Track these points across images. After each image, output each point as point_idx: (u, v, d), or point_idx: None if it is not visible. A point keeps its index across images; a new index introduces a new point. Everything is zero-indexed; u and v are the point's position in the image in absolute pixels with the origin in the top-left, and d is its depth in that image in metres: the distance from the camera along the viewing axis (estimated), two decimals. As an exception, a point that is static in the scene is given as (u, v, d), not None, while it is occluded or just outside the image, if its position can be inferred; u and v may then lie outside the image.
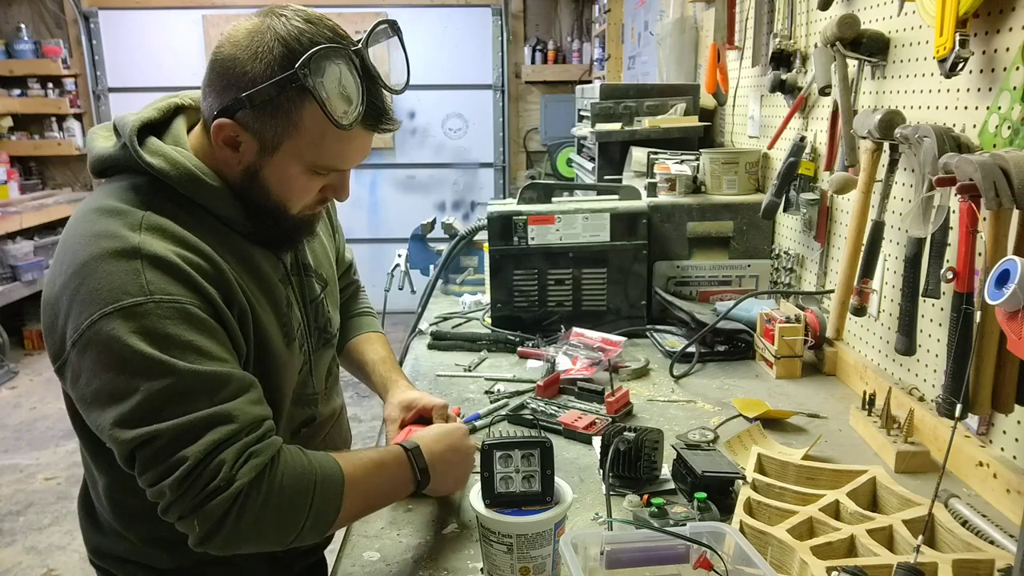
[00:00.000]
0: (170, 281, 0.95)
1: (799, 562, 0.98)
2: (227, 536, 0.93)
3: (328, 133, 1.00)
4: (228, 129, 1.01)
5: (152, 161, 1.02)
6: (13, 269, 4.97)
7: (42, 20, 5.94)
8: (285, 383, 1.13)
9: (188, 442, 0.91)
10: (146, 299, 0.93)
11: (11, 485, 3.63)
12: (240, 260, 1.07)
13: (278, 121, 0.99)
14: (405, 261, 2.50)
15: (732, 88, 2.44)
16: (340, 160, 1.05)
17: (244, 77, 0.97)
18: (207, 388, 0.94)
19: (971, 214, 1.09)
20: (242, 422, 0.95)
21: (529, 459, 1.00)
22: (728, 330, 1.86)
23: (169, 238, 0.99)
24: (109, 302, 0.92)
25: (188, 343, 0.94)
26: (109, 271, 0.94)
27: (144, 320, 0.92)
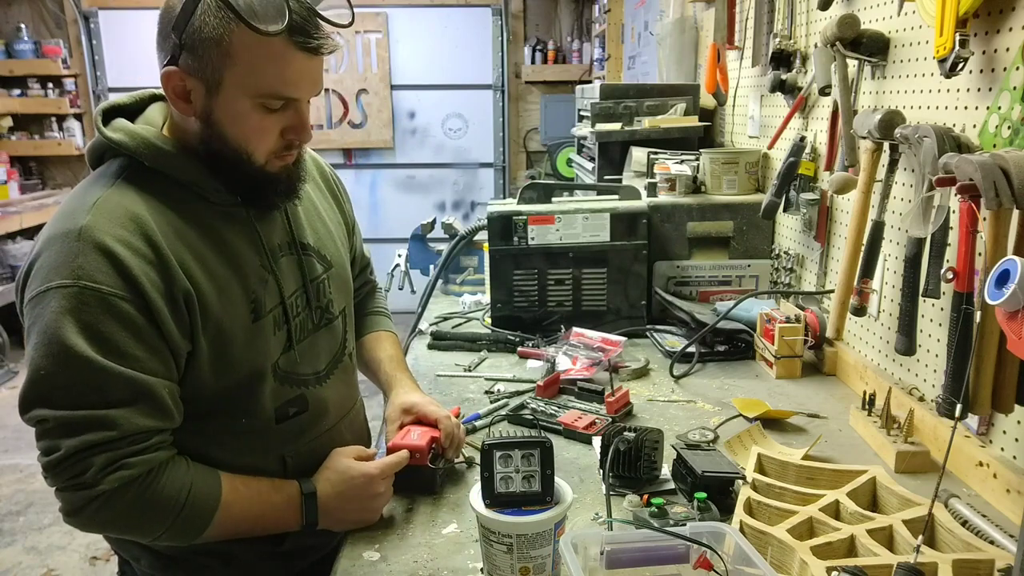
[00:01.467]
0: (101, 268, 0.98)
1: (799, 562, 0.98)
2: (84, 522, 1.01)
3: (260, 53, 0.99)
4: (175, 78, 1.02)
5: (112, 135, 1.06)
6: (13, 269, 4.96)
7: (42, 20, 5.94)
8: (253, 358, 1.12)
9: (67, 434, 0.97)
10: (73, 283, 0.97)
11: (11, 485, 3.63)
12: (207, 236, 1.08)
13: (211, 53, 0.99)
14: (405, 261, 2.50)
15: (732, 88, 2.44)
16: (282, 84, 1.03)
17: (175, 20, 0.99)
18: (102, 386, 0.98)
19: (971, 214, 1.09)
20: (123, 431, 0.98)
21: (529, 459, 1.00)
22: (728, 330, 1.86)
23: (117, 219, 1.01)
24: (46, 280, 0.98)
25: (101, 335, 0.98)
26: (56, 250, 0.99)
27: (68, 302, 0.97)
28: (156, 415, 1.02)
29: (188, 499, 1.03)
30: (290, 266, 1.19)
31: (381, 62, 5.79)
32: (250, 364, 1.12)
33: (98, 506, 0.98)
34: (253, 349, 1.12)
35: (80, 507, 0.99)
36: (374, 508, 1.17)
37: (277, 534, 1.17)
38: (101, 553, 3.01)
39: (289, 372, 1.18)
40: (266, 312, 1.14)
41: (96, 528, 1.04)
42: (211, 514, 1.06)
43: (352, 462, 1.18)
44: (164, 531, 1.04)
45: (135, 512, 1.01)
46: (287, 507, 1.13)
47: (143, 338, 1.00)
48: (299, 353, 1.19)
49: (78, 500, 0.98)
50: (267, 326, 1.14)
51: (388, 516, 1.20)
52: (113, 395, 0.98)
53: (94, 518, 1.00)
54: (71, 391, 0.97)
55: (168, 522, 1.03)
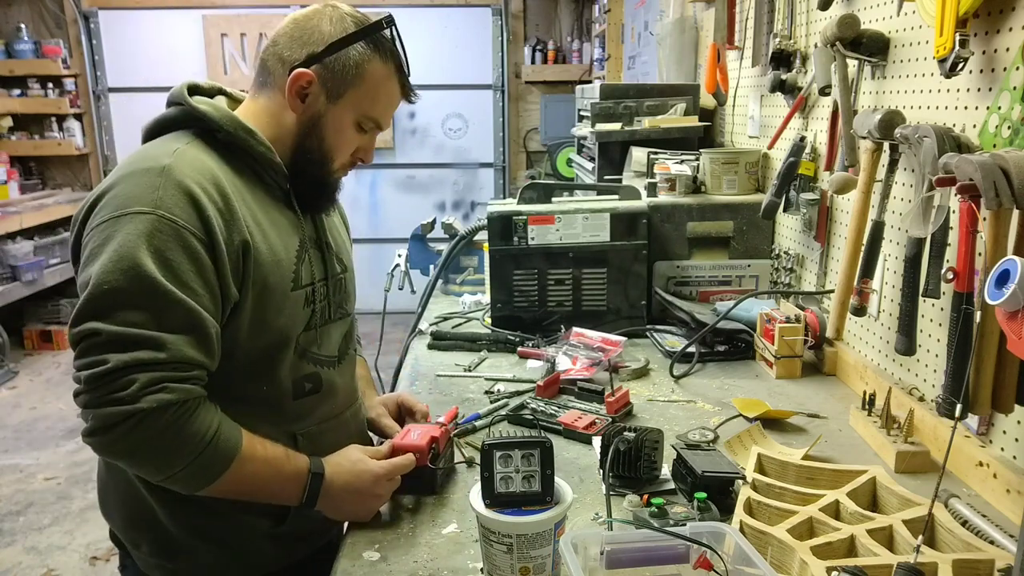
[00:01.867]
0: (179, 203, 1.06)
1: (799, 562, 0.98)
2: (112, 440, 1.01)
3: (382, 87, 1.20)
4: (303, 78, 1.15)
5: (200, 106, 1.16)
6: (13, 269, 4.96)
7: (42, 20, 5.94)
8: (284, 324, 1.18)
9: (116, 350, 1.00)
10: (152, 211, 1.04)
11: (11, 485, 3.63)
12: (263, 205, 1.18)
13: (347, 71, 1.17)
14: (405, 261, 2.50)
15: (732, 88, 2.44)
16: (383, 115, 1.23)
17: (320, 36, 1.16)
18: (160, 309, 1.02)
19: (971, 214, 1.09)
20: (171, 356, 1.02)
21: (529, 459, 1.00)
22: (728, 330, 1.86)
23: (196, 168, 1.10)
24: (124, 207, 1.05)
25: (168, 262, 1.03)
26: (135, 182, 1.07)
27: (142, 227, 1.03)
28: (203, 350, 1.06)
29: (213, 439, 1.05)
30: (317, 258, 1.27)
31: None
32: (281, 330, 1.18)
33: (132, 425, 0.99)
34: (286, 315, 1.18)
35: (113, 424, 0.99)
36: (371, 507, 1.19)
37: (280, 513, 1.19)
38: (101, 553, 3.01)
39: (307, 349, 1.24)
40: (301, 286, 1.21)
41: (120, 449, 1.03)
42: (229, 461, 1.07)
43: (364, 457, 1.20)
44: (183, 467, 1.04)
45: (164, 439, 1.02)
46: (294, 479, 1.15)
47: (205, 275, 1.06)
48: (319, 334, 1.25)
49: (112, 417, 0.99)
50: (300, 298, 1.21)
51: (388, 516, 1.20)
52: (170, 320, 1.03)
53: (124, 438, 1.00)
54: (132, 308, 1.01)
55: (190, 458, 1.04)
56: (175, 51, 5.83)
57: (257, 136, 1.18)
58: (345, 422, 1.33)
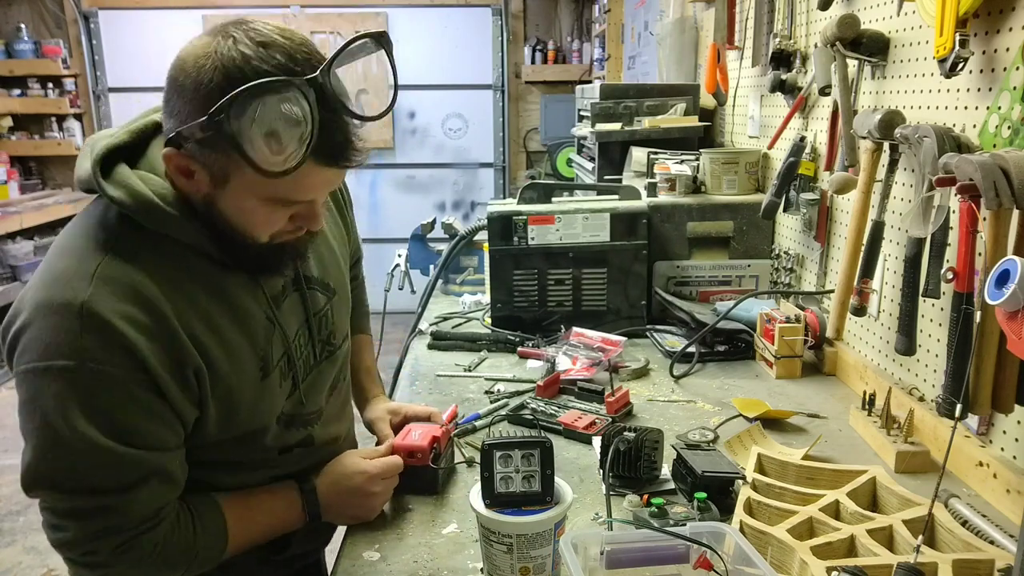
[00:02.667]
0: (107, 348, 0.91)
1: (799, 562, 0.98)
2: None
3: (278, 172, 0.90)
4: (176, 159, 0.94)
5: (113, 194, 0.96)
6: (13, 269, 4.97)
7: (42, 20, 5.94)
8: (260, 416, 1.10)
9: (75, 518, 0.95)
10: (78, 364, 0.90)
11: (11, 485, 3.63)
12: (212, 294, 1.01)
13: (219, 155, 0.92)
14: (405, 261, 2.50)
15: (732, 88, 2.44)
16: (296, 194, 0.96)
17: (185, 108, 0.91)
18: (114, 470, 0.94)
19: (971, 214, 1.09)
20: (133, 517, 0.97)
21: (529, 459, 1.00)
22: (728, 330, 1.86)
23: (120, 292, 0.93)
24: (44, 357, 0.91)
25: (110, 417, 0.93)
26: (52, 324, 0.91)
27: (72, 385, 0.91)
28: (166, 490, 1.00)
29: (198, 550, 1.04)
30: (292, 306, 1.13)
31: (381, 62, 5.78)
32: (256, 420, 1.10)
33: None
34: (260, 406, 1.09)
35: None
36: (370, 506, 1.18)
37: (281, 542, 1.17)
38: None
39: (294, 415, 1.16)
40: (274, 366, 1.09)
41: None
42: (222, 549, 1.07)
43: (353, 459, 1.19)
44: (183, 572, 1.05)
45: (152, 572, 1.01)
46: (289, 509, 1.14)
47: (153, 415, 0.96)
48: (304, 393, 1.16)
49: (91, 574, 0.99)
50: (274, 380, 1.10)
51: (389, 516, 1.20)
52: (124, 478, 0.95)
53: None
54: (79, 475, 0.93)
55: (185, 566, 1.04)
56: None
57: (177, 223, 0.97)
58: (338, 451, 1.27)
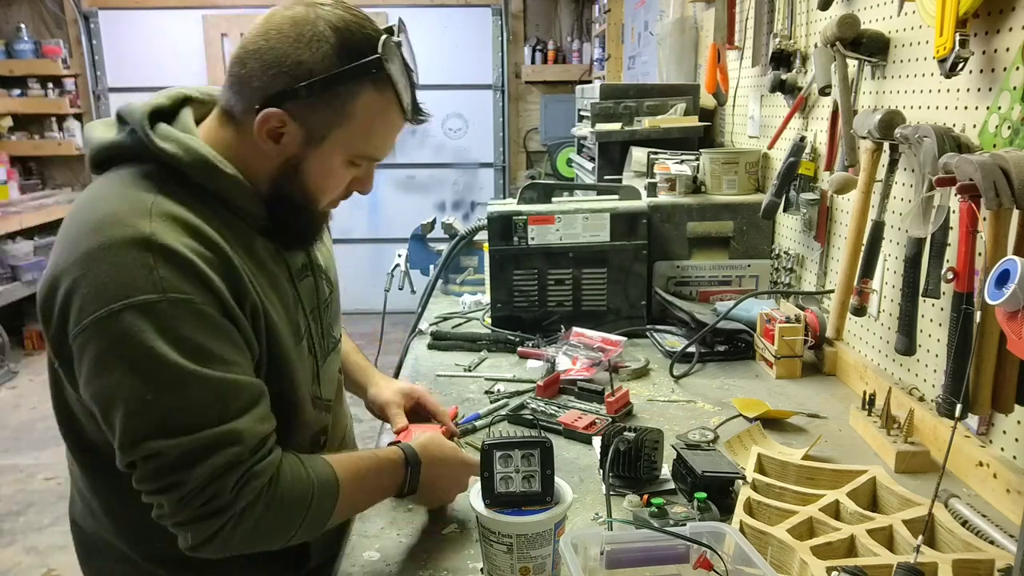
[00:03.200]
0: (184, 278, 0.90)
1: (799, 562, 0.98)
2: (218, 546, 0.93)
3: (377, 121, 1.00)
4: (274, 119, 0.96)
5: (165, 146, 0.97)
6: (13, 269, 4.97)
7: (42, 20, 5.94)
8: (300, 383, 1.09)
9: (192, 463, 0.89)
10: (160, 297, 0.88)
11: (11, 485, 3.63)
12: (249, 254, 1.02)
13: (332, 110, 0.97)
14: (405, 261, 2.50)
15: (732, 88, 2.44)
16: (382, 150, 1.05)
17: (300, 66, 0.94)
18: (218, 399, 0.91)
19: (971, 214, 1.09)
20: (247, 443, 0.93)
21: (529, 459, 1.00)
22: (728, 330, 1.86)
23: (182, 228, 0.93)
24: (119, 297, 0.87)
25: (202, 346, 0.90)
26: (119, 263, 0.88)
27: (158, 319, 0.88)
28: (267, 419, 0.98)
29: (315, 491, 0.99)
30: (308, 289, 1.14)
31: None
32: (297, 384, 1.08)
33: (233, 526, 0.92)
34: (299, 369, 1.08)
35: (215, 532, 0.91)
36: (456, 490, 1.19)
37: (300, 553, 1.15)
38: (101, 553, 3.01)
39: (316, 399, 1.16)
40: (302, 335, 1.10)
41: (233, 548, 0.94)
42: (335, 499, 1.02)
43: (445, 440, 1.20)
44: (297, 530, 0.99)
45: (271, 518, 0.95)
46: (392, 473, 1.11)
47: (236, 343, 0.95)
48: (322, 378, 1.17)
49: (213, 525, 0.91)
50: (304, 349, 1.11)
51: (388, 515, 1.20)
52: (231, 406, 0.92)
53: (231, 538, 0.92)
54: (188, 414, 0.89)
55: (301, 519, 0.98)
56: (175, 51, 5.83)
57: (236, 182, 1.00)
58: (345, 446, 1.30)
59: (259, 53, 0.96)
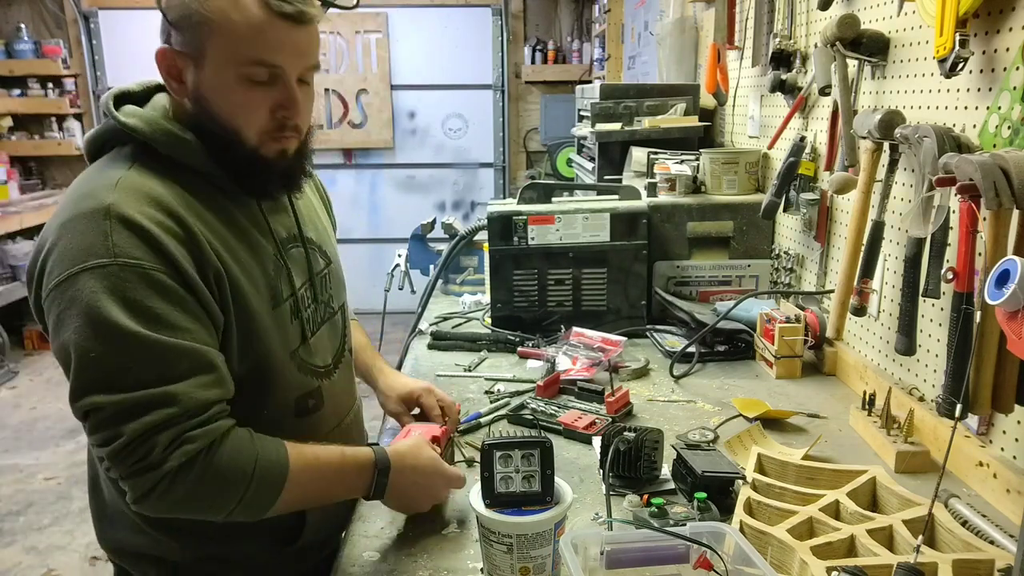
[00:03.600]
0: (137, 244, 0.97)
1: (799, 562, 0.98)
2: (156, 503, 0.97)
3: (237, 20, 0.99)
4: (168, 57, 1.04)
5: (127, 120, 1.05)
6: (13, 269, 4.97)
7: (42, 20, 5.94)
8: (275, 347, 1.12)
9: (127, 419, 0.94)
10: (111, 261, 0.95)
11: (11, 485, 3.63)
12: (224, 220, 1.08)
13: (194, 26, 1.00)
14: (405, 261, 2.50)
15: (732, 88, 2.44)
16: (262, 50, 1.02)
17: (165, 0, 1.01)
18: (159, 361, 0.96)
19: (971, 214, 1.09)
20: (184, 406, 0.96)
21: (529, 459, 1.00)
22: (728, 330, 1.86)
23: (142, 198, 1.00)
24: (77, 262, 0.95)
25: (149, 310, 0.96)
26: (80, 231, 0.97)
27: (107, 281, 0.95)
28: (215, 385, 1.01)
29: (255, 469, 1.00)
30: (298, 259, 1.19)
31: (381, 62, 5.80)
32: (273, 349, 1.12)
33: (167, 485, 0.95)
34: (275, 334, 1.12)
35: (149, 489, 0.95)
36: (433, 496, 1.18)
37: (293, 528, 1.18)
38: (101, 553, 3.01)
39: (304, 362, 1.19)
40: (283, 300, 1.15)
41: (168, 509, 0.99)
42: (281, 483, 1.03)
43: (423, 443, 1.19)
44: (237, 502, 1.00)
45: (204, 486, 0.98)
46: (357, 474, 1.11)
47: (189, 309, 1.00)
48: (313, 345, 1.20)
49: (146, 483, 0.95)
50: (285, 314, 1.15)
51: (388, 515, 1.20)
52: (172, 369, 0.96)
53: (164, 498, 0.96)
54: (127, 371, 0.95)
55: (239, 493, 1.00)
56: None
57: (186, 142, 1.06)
58: (348, 430, 1.31)
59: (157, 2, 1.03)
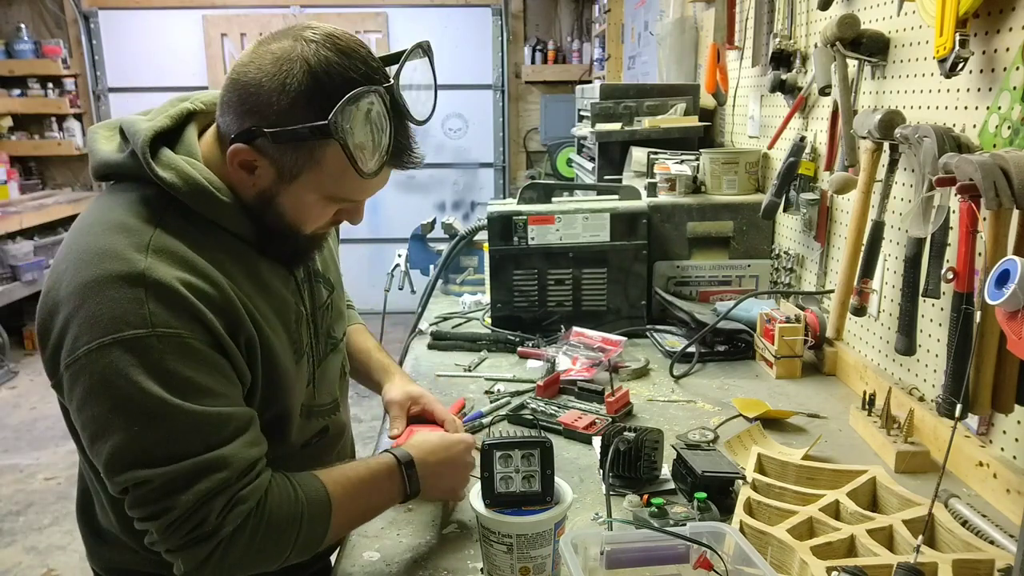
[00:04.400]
0: (173, 313, 0.92)
1: (799, 562, 0.98)
2: (213, 570, 0.93)
3: (349, 171, 0.96)
4: (245, 154, 0.97)
5: (164, 175, 0.98)
6: (13, 269, 4.96)
7: (42, 20, 5.94)
8: (294, 401, 1.12)
9: (178, 490, 0.90)
10: (148, 332, 0.90)
11: (11, 485, 3.63)
12: (250, 277, 1.04)
13: (299, 155, 0.96)
14: (405, 261, 2.50)
15: (732, 88, 2.44)
16: (358, 194, 1.04)
17: (269, 108, 0.94)
18: (203, 430, 0.92)
19: (971, 214, 1.09)
20: (234, 469, 0.94)
21: (529, 459, 1.00)
22: (728, 330, 1.86)
23: (177, 262, 0.95)
24: (109, 331, 0.90)
25: (188, 380, 0.92)
26: (111, 297, 0.91)
27: (145, 354, 0.90)
28: (257, 442, 0.99)
29: (303, 512, 0.99)
30: (309, 296, 1.17)
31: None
32: (294, 400, 1.10)
33: (223, 552, 0.93)
34: (293, 390, 1.10)
35: (205, 558, 0.92)
36: (465, 477, 1.16)
37: None
38: (101, 553, 3.01)
39: (311, 407, 1.17)
40: (304, 351, 1.13)
41: (225, 572, 0.95)
42: (328, 516, 1.01)
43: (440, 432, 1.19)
44: (292, 549, 0.99)
45: (259, 542, 0.95)
46: (388, 479, 1.09)
47: (226, 373, 0.97)
48: (316, 386, 1.18)
49: (201, 553, 0.92)
50: (303, 366, 1.13)
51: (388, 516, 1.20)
52: (214, 437, 0.93)
53: (221, 564, 0.93)
54: (173, 444, 0.90)
55: (292, 539, 0.98)
56: (175, 51, 5.83)
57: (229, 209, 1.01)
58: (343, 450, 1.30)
59: (239, 85, 0.96)
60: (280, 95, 0.93)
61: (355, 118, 0.92)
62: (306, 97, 0.92)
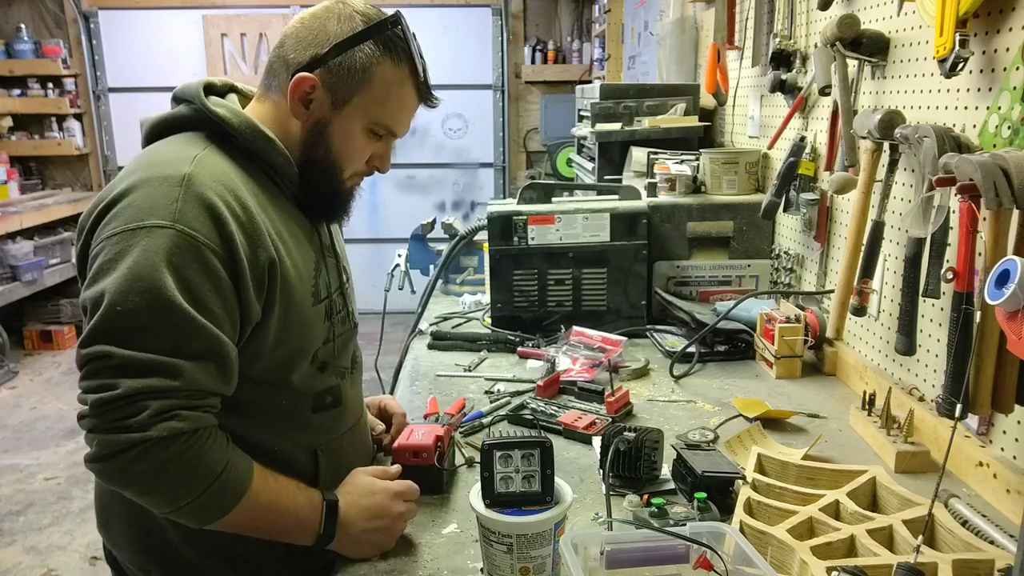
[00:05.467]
0: (199, 217, 1.00)
1: (799, 562, 0.98)
2: (117, 468, 0.96)
3: (393, 92, 1.13)
4: (306, 83, 1.10)
5: (217, 110, 1.10)
6: (13, 269, 4.96)
7: (42, 20, 5.94)
8: (307, 341, 1.15)
9: (129, 375, 0.95)
10: (170, 224, 0.98)
11: (11, 485, 3.63)
12: (283, 217, 1.13)
13: (353, 75, 1.10)
14: (405, 261, 2.50)
15: (732, 88, 2.44)
16: (396, 121, 1.16)
17: (326, 37, 1.10)
18: (181, 334, 0.97)
19: (971, 214, 1.09)
20: (186, 384, 0.97)
21: (529, 459, 1.00)
22: (728, 330, 1.86)
23: (217, 177, 1.04)
24: (139, 218, 0.98)
25: (188, 283, 0.97)
26: (152, 192, 1.00)
27: (160, 244, 0.97)
28: (220, 377, 1.01)
29: (224, 470, 1.00)
30: (331, 268, 1.23)
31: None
32: (301, 344, 1.14)
33: (139, 452, 0.94)
34: (309, 329, 1.15)
35: (119, 451, 0.94)
36: (394, 530, 1.12)
37: None
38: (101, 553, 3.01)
39: (327, 362, 1.21)
40: (321, 299, 1.18)
41: (126, 478, 0.97)
42: (241, 493, 1.02)
43: (370, 478, 1.16)
44: (191, 499, 0.98)
45: (172, 468, 0.96)
46: (309, 510, 1.08)
47: (225, 296, 1.01)
48: (336, 346, 1.22)
49: (119, 444, 0.94)
50: (320, 312, 1.18)
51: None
52: (189, 346, 0.97)
53: (130, 466, 0.95)
54: (148, 333, 0.95)
55: (199, 490, 0.98)
56: (175, 51, 5.83)
57: (276, 145, 1.12)
58: (358, 433, 1.31)
59: (295, 34, 1.12)
60: (337, 24, 1.11)
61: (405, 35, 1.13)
62: (360, 22, 1.11)
